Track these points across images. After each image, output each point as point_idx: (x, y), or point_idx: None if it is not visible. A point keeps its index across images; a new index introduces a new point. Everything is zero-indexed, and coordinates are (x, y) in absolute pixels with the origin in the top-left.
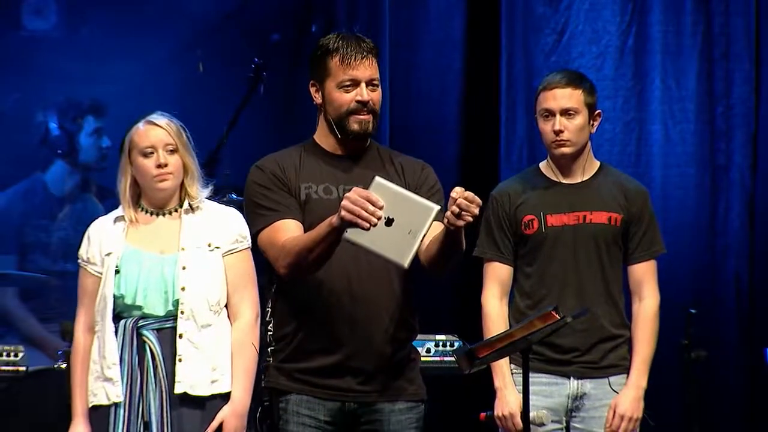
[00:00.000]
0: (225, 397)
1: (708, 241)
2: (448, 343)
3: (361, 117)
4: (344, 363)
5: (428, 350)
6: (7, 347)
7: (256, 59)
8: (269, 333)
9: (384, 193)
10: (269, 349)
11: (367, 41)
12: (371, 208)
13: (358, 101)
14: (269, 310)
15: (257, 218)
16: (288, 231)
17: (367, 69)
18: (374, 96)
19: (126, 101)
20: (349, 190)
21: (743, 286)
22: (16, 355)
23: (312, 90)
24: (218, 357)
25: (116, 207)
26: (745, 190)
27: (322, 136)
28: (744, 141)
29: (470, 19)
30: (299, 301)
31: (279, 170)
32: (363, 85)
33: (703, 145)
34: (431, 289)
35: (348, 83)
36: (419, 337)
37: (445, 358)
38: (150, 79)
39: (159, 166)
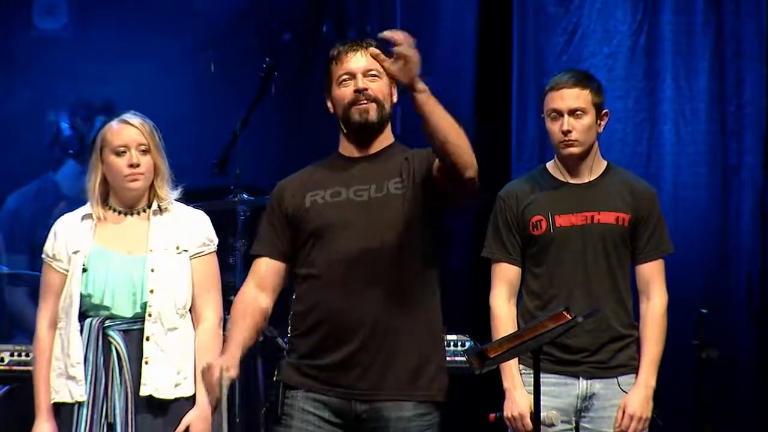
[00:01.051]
0: (189, 401)
1: (719, 241)
2: (459, 343)
3: (361, 106)
4: (349, 359)
5: None
6: (18, 347)
7: (267, 59)
8: (288, 335)
9: None
10: (285, 348)
11: (367, 41)
12: None
13: (355, 91)
14: (291, 312)
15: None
16: (256, 273)
17: (360, 60)
18: (373, 85)
19: (137, 101)
20: (360, 191)
21: (754, 286)
22: (27, 355)
23: (328, 104)
24: (183, 360)
25: None
26: (756, 190)
27: (343, 144)
28: (755, 141)
29: (481, 18)
30: (309, 303)
31: (278, 195)
32: (359, 75)
33: (714, 145)
34: (442, 289)
35: (345, 77)
36: None
37: (456, 358)
38: (161, 78)
39: (131, 165)
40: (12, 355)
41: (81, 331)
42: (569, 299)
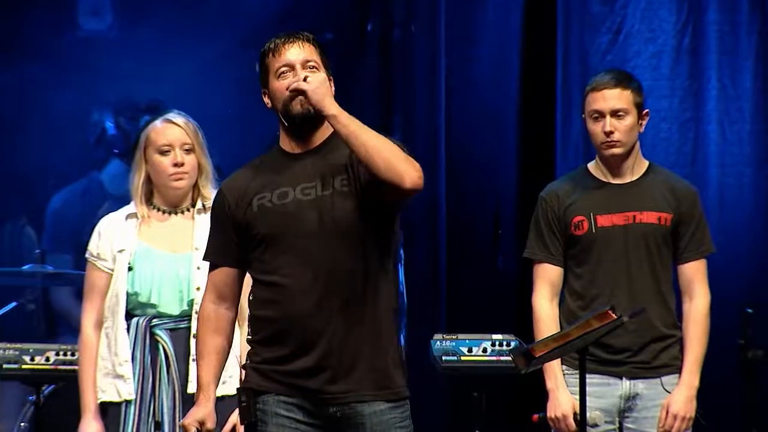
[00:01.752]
0: (234, 399)
1: (764, 240)
2: (504, 343)
3: (297, 100)
4: (317, 364)
5: (484, 350)
6: (64, 346)
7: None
8: (248, 336)
9: None
10: (247, 352)
11: (302, 32)
12: None
13: (295, 82)
14: (249, 314)
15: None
16: (213, 284)
17: (298, 52)
18: (313, 76)
19: (181, 100)
20: (307, 189)
21: None
22: (73, 354)
23: (265, 99)
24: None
25: None
26: None
27: (283, 139)
28: None
29: (527, 18)
30: (271, 304)
31: (221, 201)
32: (298, 66)
33: (759, 144)
34: (488, 290)
35: (283, 69)
36: (475, 336)
37: (502, 358)
38: (205, 78)
39: (175, 164)
40: (57, 354)
41: (128, 330)
42: (611, 299)
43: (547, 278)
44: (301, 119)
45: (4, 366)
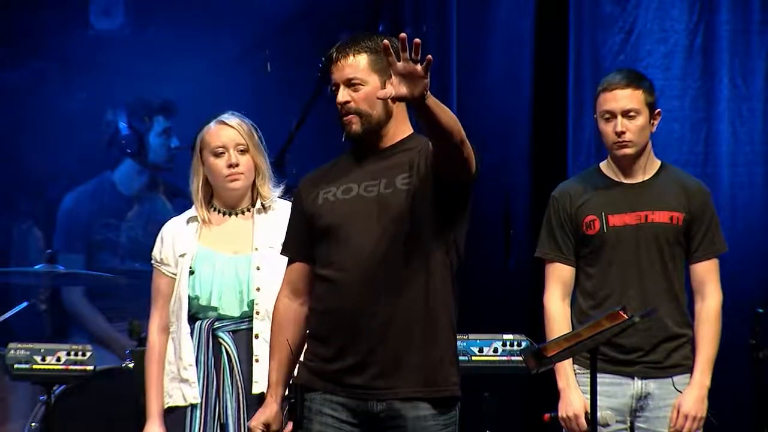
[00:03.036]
0: None
1: None
2: (515, 343)
3: (344, 119)
4: (363, 360)
5: (495, 350)
6: (75, 346)
7: (323, 58)
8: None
9: None
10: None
11: (358, 40)
12: None
13: (338, 104)
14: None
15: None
16: (288, 279)
17: (340, 70)
18: (356, 95)
19: (193, 101)
20: (370, 187)
21: None
22: (83, 355)
23: None
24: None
25: (185, 206)
26: None
27: None
28: None
29: (538, 17)
30: (323, 299)
31: (297, 195)
32: (341, 87)
33: None
34: (499, 290)
35: (334, 88)
36: (486, 336)
37: (513, 358)
38: (218, 78)
39: (230, 165)
40: (68, 354)
41: (191, 334)
42: (623, 299)
43: (558, 278)
44: (347, 139)
45: (15, 366)
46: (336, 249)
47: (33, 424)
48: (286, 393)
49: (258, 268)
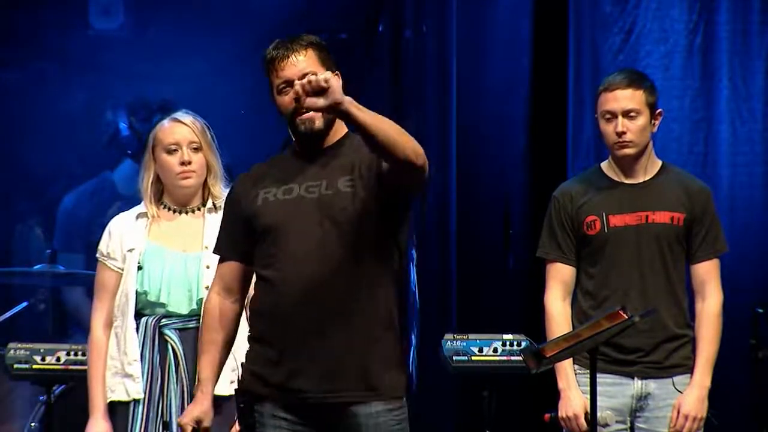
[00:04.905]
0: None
1: None
2: (515, 343)
3: (304, 116)
4: (307, 363)
5: (495, 350)
6: (75, 346)
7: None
8: (248, 333)
9: None
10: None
11: (301, 37)
12: None
13: (295, 99)
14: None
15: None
16: (220, 277)
17: (295, 66)
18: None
19: (193, 100)
20: (312, 188)
21: None
22: (83, 354)
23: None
24: (237, 357)
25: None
26: None
27: (296, 141)
28: None
29: (538, 18)
30: (262, 300)
31: (232, 193)
32: (296, 82)
33: None
34: (499, 290)
35: (282, 86)
36: (486, 336)
37: (513, 358)
38: (218, 78)
39: (182, 163)
40: (68, 354)
41: (137, 329)
42: (624, 299)
43: (559, 277)
44: (305, 137)
45: (15, 366)
46: (275, 250)
47: (33, 424)
48: (235, 398)
49: (208, 267)
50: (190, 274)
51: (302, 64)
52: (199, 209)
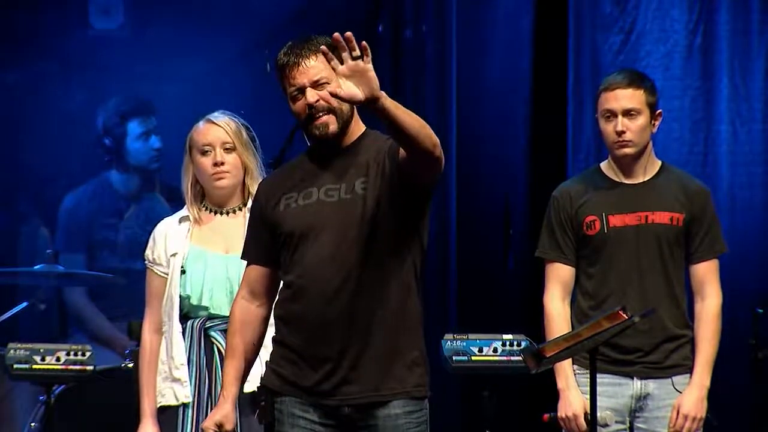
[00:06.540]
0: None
1: None
2: (515, 343)
3: (318, 121)
4: (331, 365)
5: (495, 350)
6: (74, 346)
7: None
8: (273, 335)
9: None
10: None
11: (311, 42)
12: None
13: (308, 105)
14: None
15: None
16: (247, 281)
17: (306, 71)
18: (323, 94)
19: (193, 101)
20: (331, 191)
21: None
22: (83, 354)
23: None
24: (262, 356)
25: (182, 205)
26: None
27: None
28: None
29: (538, 18)
30: (287, 304)
31: (256, 199)
32: (308, 89)
33: None
34: (499, 290)
35: (295, 93)
36: (486, 336)
37: (512, 358)
38: (218, 78)
39: (215, 164)
40: (68, 354)
41: (183, 333)
42: (623, 299)
43: (559, 278)
44: (321, 141)
45: (15, 366)
46: (298, 255)
47: (33, 424)
48: (256, 395)
49: None
50: (231, 275)
51: (313, 71)
52: (240, 209)
